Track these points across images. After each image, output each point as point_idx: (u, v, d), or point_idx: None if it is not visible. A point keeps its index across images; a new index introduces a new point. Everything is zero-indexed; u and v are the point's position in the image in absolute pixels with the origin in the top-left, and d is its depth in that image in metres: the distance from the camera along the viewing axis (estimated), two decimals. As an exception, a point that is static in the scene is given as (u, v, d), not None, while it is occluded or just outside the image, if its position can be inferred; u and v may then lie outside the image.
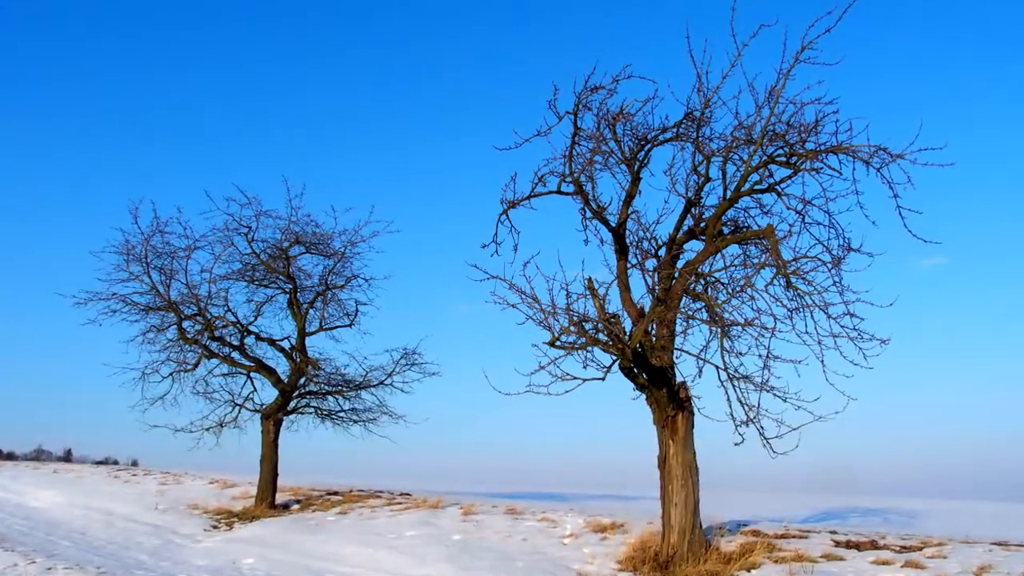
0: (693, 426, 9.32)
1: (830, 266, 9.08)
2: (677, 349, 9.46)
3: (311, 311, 16.58)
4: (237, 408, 16.41)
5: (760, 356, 9.13)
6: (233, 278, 16.16)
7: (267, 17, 73.76)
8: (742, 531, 10.37)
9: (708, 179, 9.42)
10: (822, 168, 8.91)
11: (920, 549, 9.10)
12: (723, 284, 10.01)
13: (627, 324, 9.19)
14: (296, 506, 15.71)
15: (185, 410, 18.18)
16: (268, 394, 16.58)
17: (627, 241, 9.81)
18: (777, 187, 9.35)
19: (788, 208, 9.35)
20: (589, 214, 9.59)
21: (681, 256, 9.86)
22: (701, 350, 9.54)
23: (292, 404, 16.44)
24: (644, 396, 9.34)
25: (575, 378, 8.53)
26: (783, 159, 9.15)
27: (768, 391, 9.05)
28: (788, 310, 9.33)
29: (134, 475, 21.64)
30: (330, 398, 17.05)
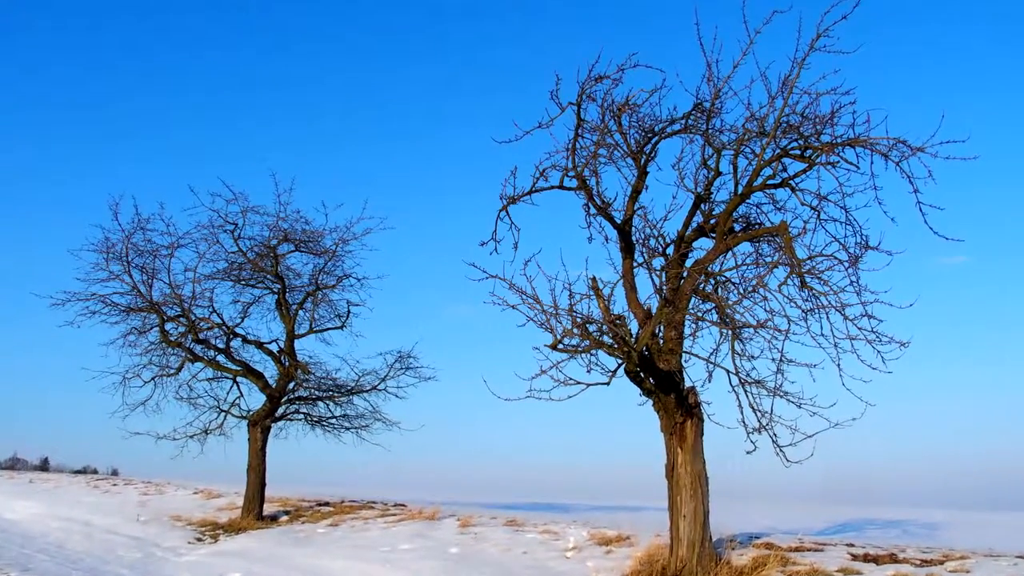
0: (702, 433, 9.04)
1: (847, 265, 8.80)
2: (686, 352, 9.21)
3: (300, 312, 16.30)
4: (223, 414, 16.09)
5: (773, 360, 8.96)
6: (218, 278, 15.86)
7: (254, 3, 73.26)
8: (754, 544, 10.08)
9: (718, 173, 9.17)
10: (838, 162, 8.64)
11: (942, 563, 8.80)
12: (734, 284, 9.80)
13: (633, 326, 8.89)
14: (285, 518, 15.44)
15: (168, 416, 17.88)
16: (255, 399, 16.29)
17: (633, 239, 9.53)
18: (791, 182, 9.09)
19: (803, 204, 9.10)
20: (593, 210, 9.30)
21: (690, 254, 9.60)
22: (711, 353, 9.30)
23: (280, 410, 16.14)
24: (651, 402, 9.05)
25: (578, 383, 8.22)
26: (797, 152, 8.87)
27: (781, 396, 8.86)
28: (803, 311, 9.11)
29: (114, 485, 21.47)
30: (320, 404, 16.79)
